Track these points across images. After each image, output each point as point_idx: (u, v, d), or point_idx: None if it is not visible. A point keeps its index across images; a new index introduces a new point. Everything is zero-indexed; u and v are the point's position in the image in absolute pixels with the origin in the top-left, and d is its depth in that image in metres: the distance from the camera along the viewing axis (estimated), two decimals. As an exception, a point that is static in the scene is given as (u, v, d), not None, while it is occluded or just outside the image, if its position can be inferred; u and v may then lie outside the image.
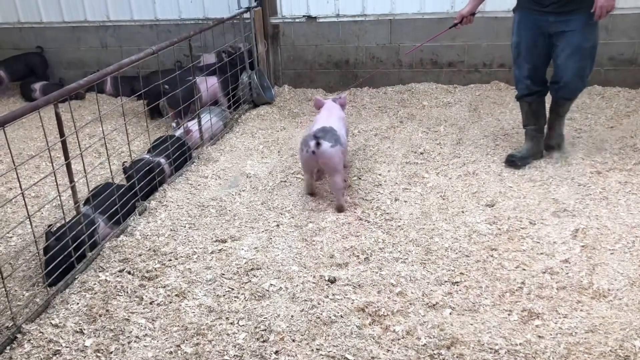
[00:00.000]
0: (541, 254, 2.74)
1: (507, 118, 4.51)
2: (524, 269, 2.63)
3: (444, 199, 3.34)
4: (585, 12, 3.30)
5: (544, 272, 2.59)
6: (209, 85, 4.63)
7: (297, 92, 5.54)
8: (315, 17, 5.36)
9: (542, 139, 3.82)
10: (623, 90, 4.85)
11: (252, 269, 2.71)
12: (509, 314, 2.34)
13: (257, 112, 5.01)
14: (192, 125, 4.22)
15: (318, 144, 3.13)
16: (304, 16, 5.37)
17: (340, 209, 3.23)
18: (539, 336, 2.20)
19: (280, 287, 2.57)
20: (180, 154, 3.85)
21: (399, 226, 3.06)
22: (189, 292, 2.56)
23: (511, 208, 3.17)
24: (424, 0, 5.07)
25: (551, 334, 2.21)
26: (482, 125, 4.44)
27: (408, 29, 5.19)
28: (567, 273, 2.58)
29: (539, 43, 3.56)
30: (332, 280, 2.60)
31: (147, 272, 2.70)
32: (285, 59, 5.57)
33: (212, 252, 2.86)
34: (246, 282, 2.62)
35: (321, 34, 5.40)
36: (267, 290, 2.55)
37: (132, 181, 3.29)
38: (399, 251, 2.82)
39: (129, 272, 2.72)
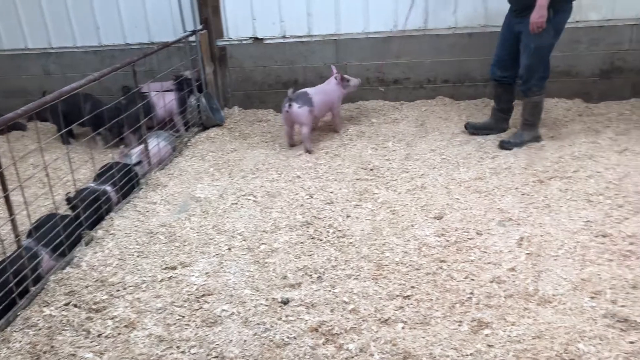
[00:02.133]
0: (488, 263, 2.81)
1: (453, 132, 4.63)
2: (473, 279, 2.68)
3: (394, 214, 3.39)
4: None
5: (492, 281, 2.65)
6: (166, 101, 4.58)
7: (247, 113, 5.54)
8: (262, 39, 5.38)
9: (502, 119, 4.51)
10: (560, 101, 5.05)
11: (203, 295, 2.67)
12: (459, 325, 2.38)
13: (207, 135, 4.98)
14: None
15: (290, 105, 4.30)
16: (250, 38, 5.39)
17: (308, 151, 4.38)
18: (489, 345, 2.24)
19: (233, 312, 2.54)
20: (128, 181, 3.78)
21: (351, 243, 3.08)
22: (138, 322, 2.50)
23: (458, 219, 3.24)
24: (367, 21, 5.17)
25: (500, 342, 2.25)
26: (428, 139, 4.54)
27: (354, 48, 5.28)
28: (514, 281, 2.64)
29: (507, 37, 4.20)
30: (285, 302, 2.59)
31: (95, 303, 2.63)
32: (234, 81, 5.57)
33: (161, 280, 2.80)
34: (197, 309, 2.58)
35: (269, 55, 5.43)
36: (219, 316, 2.51)
37: (77, 211, 3.21)
38: (352, 268, 2.84)
39: (75, 305, 2.63)
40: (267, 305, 2.56)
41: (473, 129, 4.54)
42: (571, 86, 5.04)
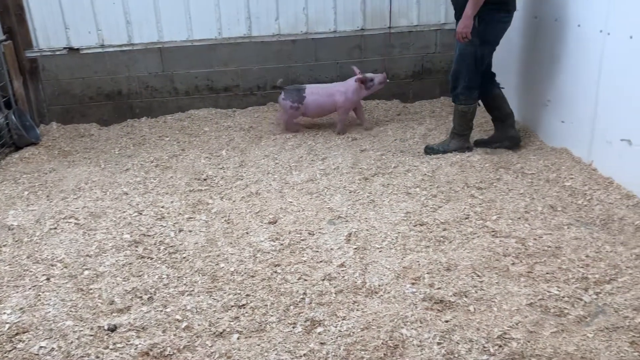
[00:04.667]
0: (320, 262, 2.90)
1: (285, 137, 4.72)
2: (306, 280, 2.75)
3: (228, 223, 3.36)
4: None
5: (323, 279, 2.73)
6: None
7: (67, 128, 5.13)
8: (78, 49, 5.03)
9: (503, 126, 4.21)
10: (381, 102, 5.41)
11: (17, 334, 2.40)
12: (293, 327, 2.41)
13: (20, 155, 4.52)
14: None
15: (281, 93, 4.75)
16: (64, 48, 5.01)
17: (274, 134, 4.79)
18: (321, 343, 2.30)
19: (53, 348, 2.32)
20: None
21: (184, 258, 2.99)
22: None
23: (292, 222, 3.31)
24: (191, 29, 5.08)
25: (332, 339, 2.33)
26: (262, 146, 4.58)
27: (180, 56, 5.15)
28: (344, 276, 2.76)
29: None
30: (113, 329, 2.42)
31: None
32: (49, 95, 5.13)
33: (-35, 324, 2.47)
34: (10, 350, 2.31)
35: (87, 66, 5.09)
36: (37, 355, 2.28)
37: None
38: (185, 284, 2.75)
39: None
40: (92, 335, 2.38)
41: (483, 144, 4.27)
42: (390, 88, 5.40)
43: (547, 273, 2.69)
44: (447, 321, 2.40)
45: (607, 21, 3.46)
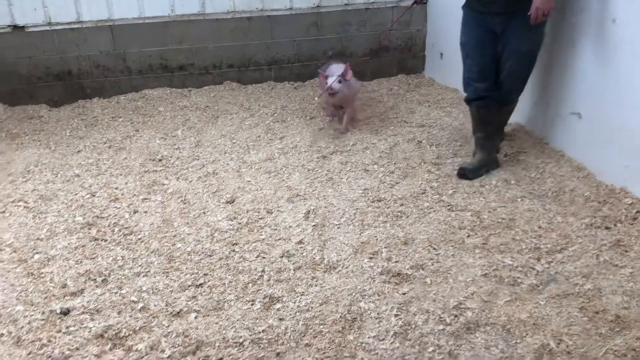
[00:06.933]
0: (279, 239, 2.89)
1: (242, 116, 4.65)
2: (264, 257, 2.73)
3: (185, 203, 3.30)
4: (524, 14, 3.08)
5: (282, 257, 2.72)
6: None
7: (15, 110, 4.92)
8: (23, 27, 4.80)
9: (493, 147, 3.54)
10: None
11: (-37, 321, 2.31)
12: (252, 304, 2.40)
13: (-36, 139, 4.32)
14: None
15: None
16: (8, 26, 4.78)
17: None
18: (280, 319, 2.30)
19: (2, 333, 2.24)
20: None
21: (139, 239, 2.93)
22: None
23: (250, 201, 3.28)
24: (142, 5, 4.91)
25: (291, 314, 2.33)
26: (218, 125, 4.50)
27: (131, 34, 4.99)
28: (302, 253, 2.75)
29: (486, 42, 3.30)
30: (66, 312, 2.36)
31: None
32: (-6, 75, 4.90)
33: None
34: (-44, 338, 2.23)
35: (34, 45, 4.87)
36: (-15, 341, 2.20)
37: None
38: (140, 265, 2.70)
39: None
40: (43, 319, 2.31)
41: (472, 173, 3.41)
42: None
43: (501, 244, 2.75)
44: (404, 293, 2.43)
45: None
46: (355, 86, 4.30)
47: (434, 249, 2.74)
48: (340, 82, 3.95)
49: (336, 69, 4.18)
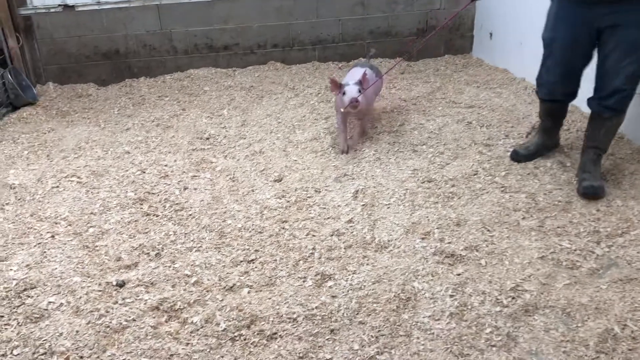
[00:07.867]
0: (328, 218, 2.87)
1: (287, 96, 4.63)
2: (314, 235, 2.72)
3: (233, 181, 3.31)
4: None
5: (332, 235, 2.70)
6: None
7: (64, 88, 5.02)
8: (73, 6, 4.88)
9: (557, 132, 3.30)
10: (384, 61, 5.29)
11: (25, 290, 2.37)
12: (303, 281, 2.40)
13: (18, 115, 4.43)
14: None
15: None
16: (59, 5, 4.86)
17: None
18: (333, 296, 2.29)
19: (62, 303, 2.29)
20: None
21: (190, 215, 2.95)
22: (-56, 331, 2.15)
23: (297, 180, 3.26)
24: (189, -17, 4.93)
25: (343, 292, 2.31)
26: (263, 105, 4.50)
27: (177, 13, 5.01)
28: (352, 232, 2.73)
29: (580, 42, 2.83)
30: (121, 284, 2.40)
31: None
32: (45, 54, 5.00)
33: (-29, 280, 2.44)
34: (19, 306, 2.29)
35: (83, 24, 4.95)
36: (46, 310, 2.26)
37: None
38: (192, 240, 2.72)
39: None
40: (100, 291, 2.36)
41: (526, 159, 3.27)
42: (392, 46, 5.30)
43: (558, 227, 2.67)
44: (458, 274, 2.38)
45: None
46: (375, 91, 3.83)
47: (488, 230, 2.68)
48: (360, 91, 3.39)
49: (352, 75, 3.70)
